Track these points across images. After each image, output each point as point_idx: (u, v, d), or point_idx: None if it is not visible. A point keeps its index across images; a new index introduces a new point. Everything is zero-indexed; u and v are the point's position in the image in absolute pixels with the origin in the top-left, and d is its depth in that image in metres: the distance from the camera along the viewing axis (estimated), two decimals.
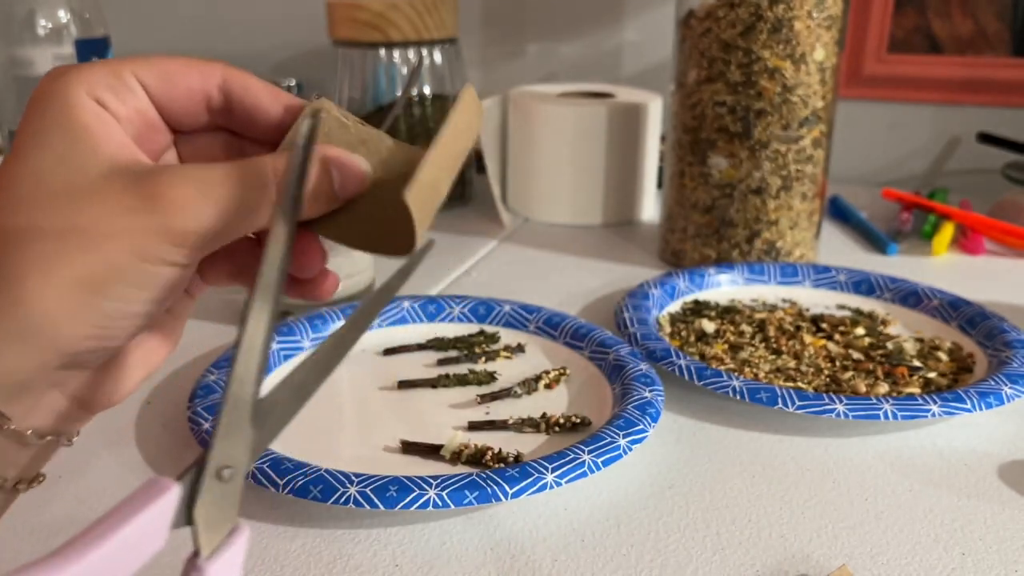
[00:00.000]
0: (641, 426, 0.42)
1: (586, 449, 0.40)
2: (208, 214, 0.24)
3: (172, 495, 0.21)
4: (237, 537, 0.23)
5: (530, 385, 0.50)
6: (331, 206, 0.27)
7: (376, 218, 0.27)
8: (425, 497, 0.37)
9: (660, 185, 0.89)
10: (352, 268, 0.59)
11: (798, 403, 0.45)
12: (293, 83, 1.10)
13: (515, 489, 0.37)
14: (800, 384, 0.50)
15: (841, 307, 0.62)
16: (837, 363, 0.52)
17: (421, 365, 0.53)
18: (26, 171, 0.24)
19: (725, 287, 0.64)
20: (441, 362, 0.53)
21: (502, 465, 0.42)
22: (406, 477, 0.38)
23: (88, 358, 0.26)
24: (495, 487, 0.37)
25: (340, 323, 0.54)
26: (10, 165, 0.25)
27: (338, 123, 0.28)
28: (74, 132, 0.24)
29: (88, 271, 0.23)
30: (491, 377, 0.51)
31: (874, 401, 0.45)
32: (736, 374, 0.49)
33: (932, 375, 0.51)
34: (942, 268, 0.73)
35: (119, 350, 0.27)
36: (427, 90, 0.84)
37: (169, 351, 0.30)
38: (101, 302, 0.24)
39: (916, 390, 0.49)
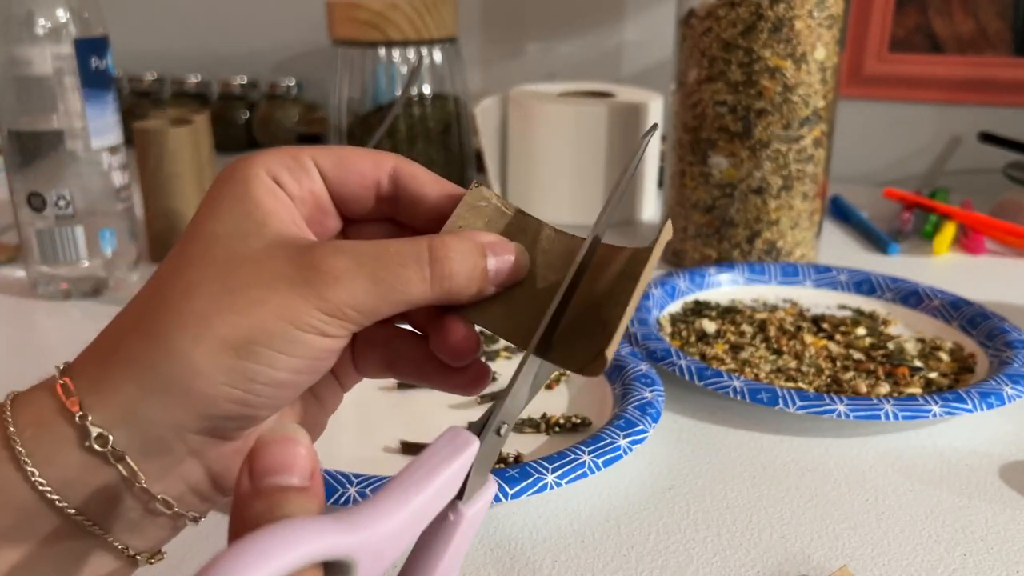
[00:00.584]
0: (641, 426, 0.42)
1: (586, 449, 0.40)
2: (361, 286, 0.24)
3: (474, 448, 0.24)
4: (488, 489, 0.25)
5: None
6: (483, 293, 0.27)
7: (537, 314, 0.27)
8: None
9: (660, 185, 0.89)
10: None
11: (799, 403, 0.45)
12: (293, 82, 1.10)
13: (515, 489, 0.37)
14: (801, 384, 0.50)
15: (842, 307, 0.62)
16: (838, 363, 0.52)
17: None
18: (198, 237, 0.25)
19: (726, 287, 0.64)
20: None
21: (502, 465, 0.42)
22: None
23: (227, 425, 0.25)
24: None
25: None
26: (187, 231, 0.26)
27: (497, 211, 0.29)
28: (246, 205, 0.25)
29: (239, 332, 0.24)
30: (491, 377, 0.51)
31: (875, 401, 0.45)
32: (736, 374, 0.49)
33: (933, 375, 0.51)
34: (943, 268, 0.73)
35: (258, 424, 0.27)
36: (427, 90, 0.84)
37: (318, 423, 0.30)
38: (247, 364, 0.24)
39: (917, 390, 0.49)
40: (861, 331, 0.56)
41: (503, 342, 0.56)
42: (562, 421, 0.45)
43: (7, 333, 0.60)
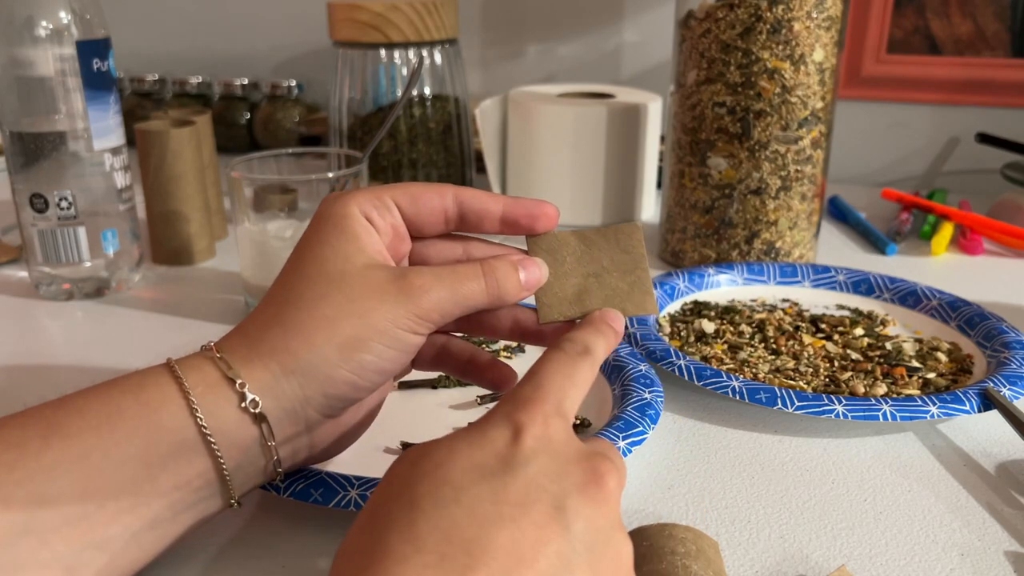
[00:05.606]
0: (640, 428, 0.42)
1: None
2: (442, 295, 0.34)
3: None
4: None
5: None
6: (522, 296, 0.36)
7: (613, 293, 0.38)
8: None
9: (660, 185, 0.89)
10: None
11: (798, 403, 0.45)
12: (294, 83, 1.10)
13: None
14: (799, 384, 0.50)
15: (840, 307, 0.62)
16: (835, 363, 0.52)
17: None
18: (311, 258, 0.34)
19: (724, 287, 0.64)
20: None
21: None
22: None
23: (336, 404, 0.34)
24: None
25: None
26: (299, 252, 0.35)
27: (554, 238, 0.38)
28: (347, 236, 0.34)
29: (359, 332, 0.32)
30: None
31: (873, 402, 0.45)
32: (735, 374, 0.50)
33: (931, 376, 0.51)
34: (941, 268, 0.73)
35: (356, 403, 0.35)
36: (427, 91, 0.84)
37: (368, 425, 0.39)
38: (363, 355, 0.33)
39: (915, 391, 0.49)
40: (859, 331, 0.56)
41: (502, 343, 0.56)
42: None
43: (9, 334, 0.60)
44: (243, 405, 0.32)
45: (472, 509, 0.24)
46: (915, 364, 0.52)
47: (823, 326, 0.57)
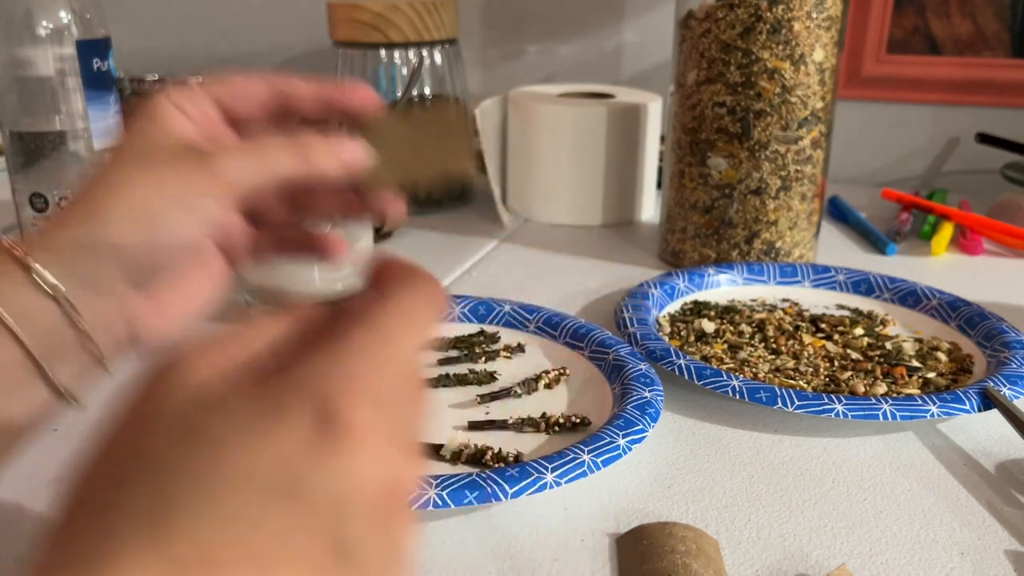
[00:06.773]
0: (640, 426, 0.42)
1: (586, 449, 0.40)
2: (244, 161, 0.33)
3: None
4: None
5: (530, 385, 0.50)
6: (337, 171, 0.35)
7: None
8: (425, 497, 0.37)
9: (660, 185, 0.89)
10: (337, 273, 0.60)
11: (798, 403, 0.45)
12: None
13: (515, 489, 0.38)
14: (799, 384, 0.50)
15: (840, 307, 0.62)
16: (835, 363, 0.53)
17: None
18: (118, 148, 0.34)
19: (724, 287, 0.64)
20: (441, 362, 0.53)
21: (502, 465, 0.42)
22: None
23: (138, 273, 0.33)
24: (495, 487, 0.37)
25: None
26: (116, 142, 0.35)
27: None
28: (156, 121, 0.34)
29: (150, 197, 0.32)
30: (491, 377, 0.51)
31: (873, 401, 0.45)
32: (735, 374, 0.50)
33: (931, 375, 0.51)
34: (941, 268, 0.73)
35: (163, 276, 0.34)
36: (427, 90, 0.84)
37: (210, 294, 0.38)
38: (154, 218, 0.32)
39: (915, 390, 0.49)
40: (859, 331, 0.56)
41: (503, 342, 0.56)
42: (562, 420, 0.46)
43: None
44: (37, 283, 0.31)
45: (242, 536, 0.19)
46: (915, 364, 0.52)
47: (823, 326, 0.57)
